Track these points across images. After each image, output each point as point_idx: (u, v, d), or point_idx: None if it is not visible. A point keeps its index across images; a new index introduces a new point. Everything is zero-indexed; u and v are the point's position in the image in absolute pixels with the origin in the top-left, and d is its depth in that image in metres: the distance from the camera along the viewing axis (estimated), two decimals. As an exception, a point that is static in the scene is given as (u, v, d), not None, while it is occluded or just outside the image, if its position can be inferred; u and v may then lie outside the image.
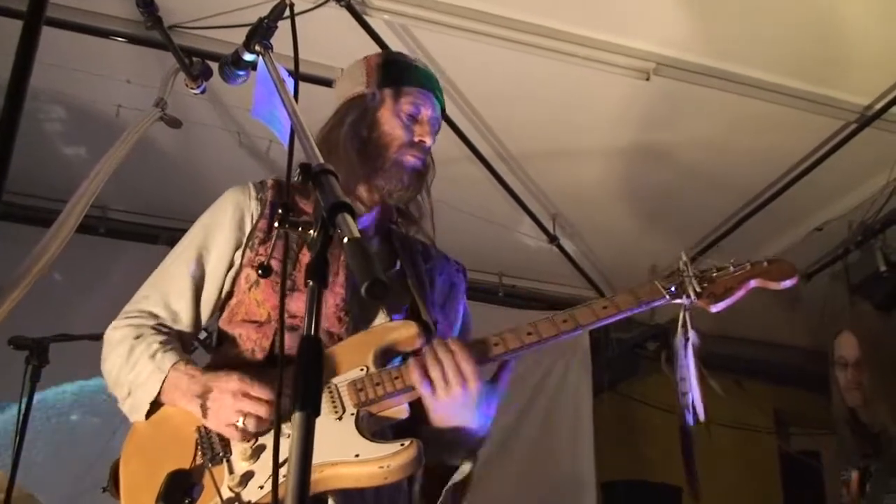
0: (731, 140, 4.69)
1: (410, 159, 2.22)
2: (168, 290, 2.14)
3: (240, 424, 1.85)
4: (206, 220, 2.22)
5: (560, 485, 5.80)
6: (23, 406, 3.46)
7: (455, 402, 1.89)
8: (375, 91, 2.27)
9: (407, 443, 1.77)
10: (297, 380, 1.14)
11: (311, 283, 1.19)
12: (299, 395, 1.12)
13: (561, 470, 5.86)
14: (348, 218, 1.22)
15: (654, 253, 5.15)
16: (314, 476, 1.73)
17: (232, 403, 1.87)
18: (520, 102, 4.48)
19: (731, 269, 2.11)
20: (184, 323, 2.13)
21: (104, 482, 2.00)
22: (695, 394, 2.05)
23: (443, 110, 2.39)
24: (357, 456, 1.77)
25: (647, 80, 4.16)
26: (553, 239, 5.53)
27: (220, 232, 2.16)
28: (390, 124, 2.23)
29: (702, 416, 2.05)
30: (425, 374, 1.90)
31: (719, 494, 6.64)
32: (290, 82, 1.77)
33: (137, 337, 2.04)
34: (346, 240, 1.18)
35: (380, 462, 1.75)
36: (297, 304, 2.04)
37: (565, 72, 4.16)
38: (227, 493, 1.78)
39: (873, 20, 3.84)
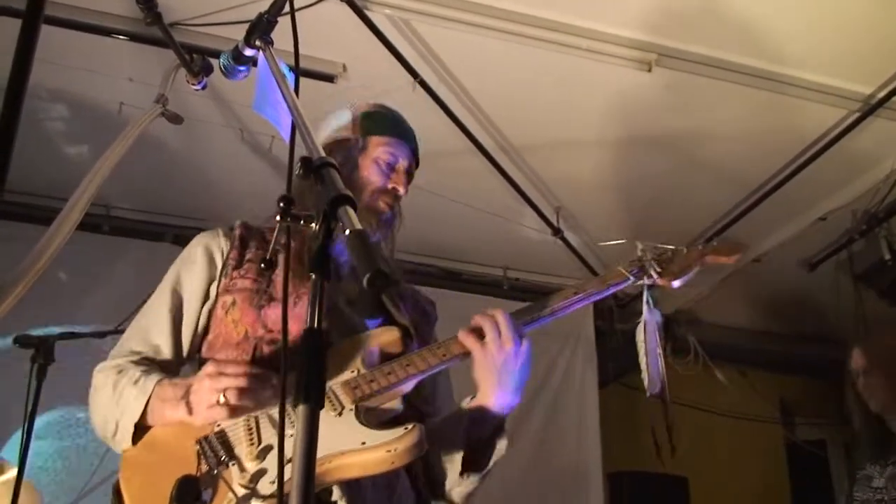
0: (733, 130, 4.68)
1: (382, 206, 2.34)
2: (148, 328, 2.21)
3: (221, 400, 1.90)
4: (177, 264, 2.31)
5: (566, 476, 5.82)
6: (29, 406, 3.47)
7: (507, 360, 2.03)
8: (359, 137, 2.41)
9: (410, 426, 1.84)
10: (300, 372, 1.14)
11: (313, 275, 1.20)
12: (303, 387, 1.12)
13: (567, 461, 5.87)
14: (349, 210, 1.23)
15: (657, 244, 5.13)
16: (322, 468, 1.77)
17: (209, 385, 1.92)
18: (521, 95, 4.47)
19: (685, 250, 2.38)
20: (165, 354, 2.18)
21: (104, 483, 2.01)
22: (656, 366, 2.28)
23: (417, 161, 2.50)
24: (364, 443, 1.82)
25: (649, 71, 4.15)
26: (557, 231, 5.54)
27: (193, 269, 2.25)
28: (369, 170, 2.36)
29: (657, 390, 2.27)
30: (477, 334, 2.06)
31: (725, 484, 6.67)
32: (290, 77, 1.77)
33: (120, 372, 2.10)
34: (347, 232, 1.19)
35: (387, 446, 1.80)
36: (275, 315, 2.13)
37: (567, 64, 4.16)
38: (241, 491, 1.80)
39: (877, 8, 3.83)
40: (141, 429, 2.01)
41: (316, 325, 1.16)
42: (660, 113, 4.59)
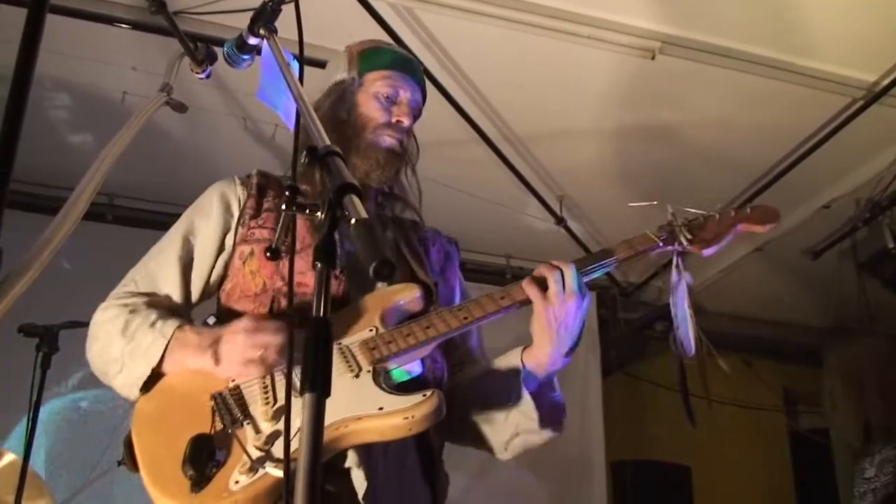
0: (737, 118, 4.68)
1: (386, 139, 2.24)
2: (156, 274, 2.15)
3: (259, 356, 1.87)
4: (191, 210, 2.25)
5: (569, 465, 5.82)
6: (34, 394, 3.49)
7: (568, 314, 1.98)
8: (355, 76, 2.32)
9: (429, 392, 1.80)
10: (306, 362, 1.14)
11: (318, 265, 1.19)
12: (309, 376, 1.12)
13: (570, 450, 5.87)
14: (355, 199, 1.22)
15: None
16: (338, 432, 1.75)
17: (245, 339, 1.89)
18: (525, 83, 4.47)
19: (717, 216, 2.24)
20: (174, 302, 2.13)
21: (112, 469, 1.98)
22: (686, 329, 2.17)
23: (424, 96, 2.41)
24: (381, 409, 1.79)
25: (653, 59, 4.15)
26: (560, 220, 5.54)
27: (207, 219, 2.19)
28: (367, 106, 2.27)
29: (691, 352, 2.17)
30: (539, 282, 2.01)
31: (728, 473, 6.68)
32: (295, 66, 1.77)
33: (132, 311, 2.04)
34: (353, 220, 1.19)
35: (405, 413, 1.77)
36: (296, 266, 2.05)
37: (570, 52, 4.16)
38: (255, 453, 1.77)
39: (880, -4, 3.83)
40: (153, 376, 1.97)
41: (322, 314, 1.16)
42: (663, 101, 4.59)
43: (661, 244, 2.18)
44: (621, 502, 6.27)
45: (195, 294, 2.17)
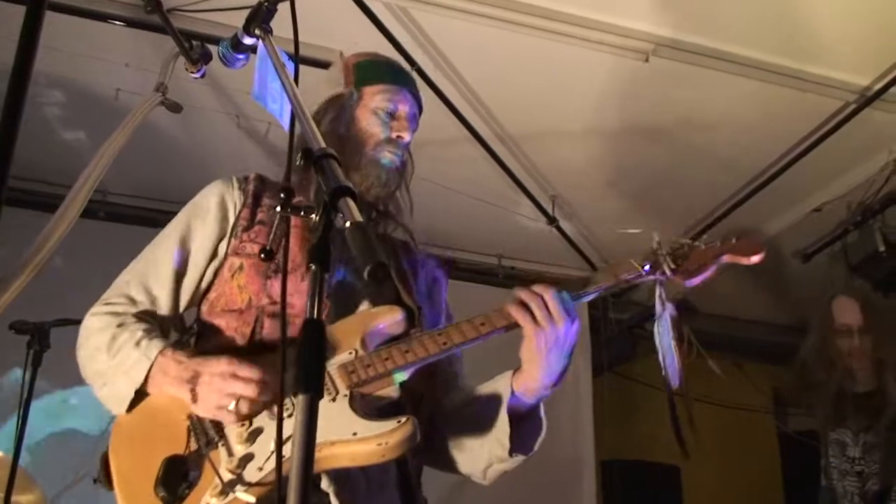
0: (729, 121, 4.69)
1: (388, 155, 2.23)
2: (149, 276, 2.14)
3: (231, 407, 1.85)
4: (189, 211, 2.22)
5: (560, 464, 5.83)
6: (24, 392, 3.48)
7: (558, 337, 1.94)
8: (353, 90, 2.30)
9: (403, 419, 1.79)
10: (300, 362, 1.14)
11: (313, 267, 1.20)
12: (302, 377, 1.13)
13: (561, 449, 5.88)
14: (350, 202, 1.22)
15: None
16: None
17: (222, 386, 1.87)
18: (518, 83, 4.48)
19: (702, 246, 2.21)
20: (163, 309, 2.13)
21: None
22: (672, 360, 2.17)
23: (420, 107, 2.39)
24: (355, 434, 1.78)
25: (646, 61, 4.16)
26: (552, 220, 5.54)
27: (204, 222, 2.17)
28: (367, 121, 2.25)
29: (676, 383, 2.17)
30: (526, 307, 1.96)
31: (718, 475, 6.70)
32: (290, 66, 1.77)
33: (120, 325, 2.03)
34: (347, 224, 1.19)
35: (378, 439, 1.76)
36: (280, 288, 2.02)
37: (564, 53, 4.16)
38: (227, 476, 1.77)
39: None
40: (136, 393, 1.97)
41: (316, 316, 1.17)
42: (656, 102, 4.60)
43: (643, 273, 2.15)
44: (611, 502, 6.29)
45: (184, 301, 2.16)
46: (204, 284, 2.17)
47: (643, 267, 2.15)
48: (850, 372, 3.73)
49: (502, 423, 2.00)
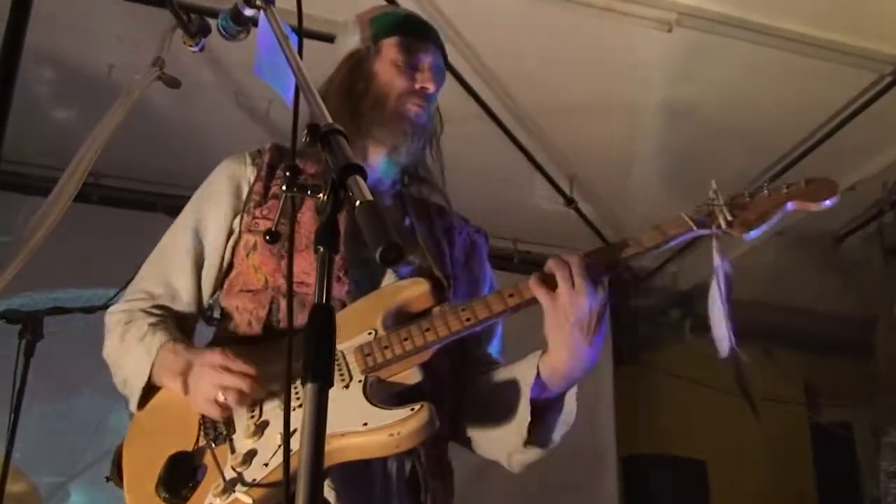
0: (757, 95, 4.66)
1: (412, 108, 2.19)
2: (167, 268, 2.17)
3: (220, 399, 1.86)
4: (202, 193, 2.24)
5: (578, 459, 5.83)
6: (17, 383, 3.50)
7: (578, 311, 1.85)
8: (370, 45, 2.26)
9: (417, 407, 1.74)
10: (307, 351, 1.14)
11: (321, 249, 1.20)
12: (310, 366, 1.13)
13: (579, 444, 5.88)
14: (360, 180, 1.22)
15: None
16: None
17: (211, 378, 1.88)
18: (534, 57, 4.46)
19: (765, 192, 2.08)
20: (184, 301, 2.16)
21: (98, 461, 2.02)
22: (720, 324, 2.04)
23: (445, 60, 2.36)
24: (365, 425, 1.74)
25: (669, 31, 4.13)
26: (570, 202, 5.53)
27: (217, 202, 2.18)
28: (388, 74, 2.21)
29: (724, 352, 2.04)
30: (549, 284, 1.89)
31: (746, 468, 6.69)
32: (293, 38, 1.76)
33: (128, 322, 2.08)
34: (357, 203, 1.18)
35: (390, 429, 1.72)
36: (297, 266, 2.03)
37: (582, 24, 4.14)
38: (229, 474, 1.77)
39: (910, -36, 3.82)
40: (152, 387, 2.01)
41: (325, 300, 1.17)
42: (680, 76, 4.58)
43: (695, 228, 1.99)
44: (633, 498, 6.29)
45: (208, 288, 2.18)
46: (224, 265, 2.18)
47: (695, 220, 2.01)
48: None
49: (523, 411, 1.94)
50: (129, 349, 2.03)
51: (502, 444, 2.05)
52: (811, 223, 5.61)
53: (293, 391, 1.83)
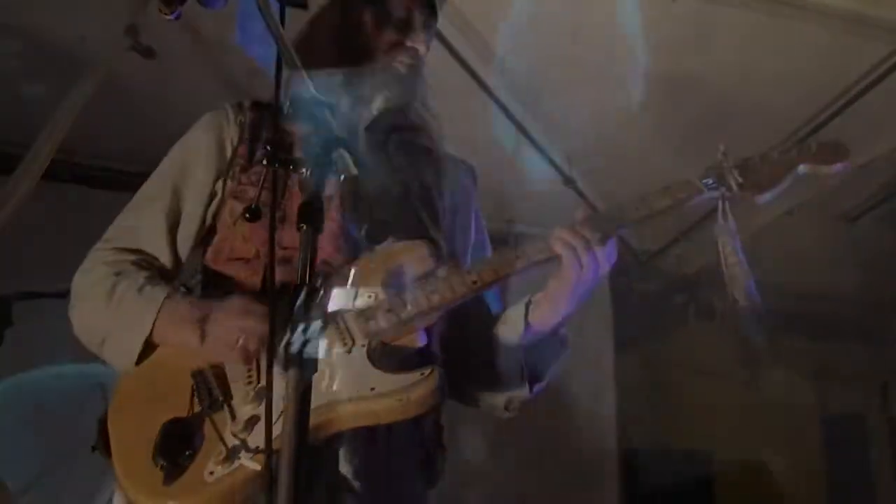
0: (767, 67, 4.65)
1: (398, 66, 2.22)
2: (141, 229, 2.16)
3: (242, 342, 1.87)
4: (180, 149, 2.25)
5: (578, 452, 5.86)
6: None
7: (593, 276, 1.99)
8: None
9: (427, 371, 1.79)
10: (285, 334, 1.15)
11: (304, 226, 1.20)
12: (293, 349, 1.13)
13: (579, 436, 5.91)
14: (344, 154, 1.22)
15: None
16: (326, 416, 1.75)
17: (234, 322, 1.90)
18: (530, 27, 4.43)
19: (775, 155, 2.15)
20: (161, 262, 2.15)
21: (74, 454, 2.00)
22: (739, 280, 2.09)
23: (435, 17, 2.36)
24: (373, 389, 1.78)
25: (674, 0, 4.12)
26: (569, 180, 5.52)
27: (198, 161, 2.19)
28: (374, 29, 2.23)
29: (755, 297, 2.09)
30: (569, 245, 1.99)
31: (754, 460, 6.72)
32: (275, 6, 1.76)
33: (118, 273, 2.06)
34: (342, 178, 1.19)
35: (398, 394, 1.77)
36: (289, 235, 2.01)
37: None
38: (231, 441, 1.79)
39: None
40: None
41: (308, 280, 1.17)
42: (686, 48, 4.57)
43: (704, 190, 2.09)
44: (635, 494, 6.31)
45: (185, 250, 2.18)
46: (205, 227, 2.18)
47: (705, 182, 2.10)
48: None
49: (516, 355, 2.09)
50: (124, 302, 2.01)
51: (499, 390, 2.16)
52: (823, 202, 5.63)
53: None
